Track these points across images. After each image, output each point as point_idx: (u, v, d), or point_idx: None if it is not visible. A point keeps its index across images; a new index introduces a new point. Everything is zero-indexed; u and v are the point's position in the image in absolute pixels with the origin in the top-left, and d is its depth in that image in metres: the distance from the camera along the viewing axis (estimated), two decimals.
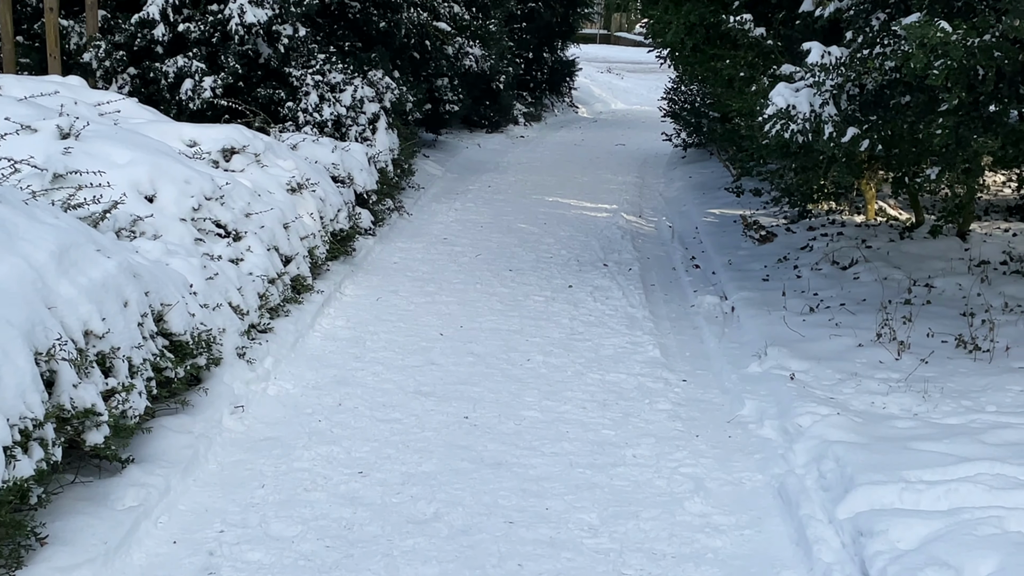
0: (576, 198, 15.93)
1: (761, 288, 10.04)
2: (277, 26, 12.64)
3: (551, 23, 26.94)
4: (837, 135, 7.92)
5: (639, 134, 25.29)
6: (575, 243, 12.56)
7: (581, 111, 30.71)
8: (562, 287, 10.36)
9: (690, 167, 18.84)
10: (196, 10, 12.52)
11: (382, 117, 13.64)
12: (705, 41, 9.70)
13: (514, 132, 24.13)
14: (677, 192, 16.73)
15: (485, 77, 21.85)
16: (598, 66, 41.41)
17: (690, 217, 14.43)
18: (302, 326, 8.44)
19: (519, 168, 18.95)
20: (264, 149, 10.07)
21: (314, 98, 12.86)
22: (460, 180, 17.15)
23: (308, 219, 9.70)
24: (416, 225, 13.15)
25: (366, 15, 14.51)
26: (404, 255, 11.48)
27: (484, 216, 14.10)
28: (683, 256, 12.11)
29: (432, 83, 18.60)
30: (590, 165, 19.77)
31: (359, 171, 11.85)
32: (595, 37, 57.94)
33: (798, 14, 8.86)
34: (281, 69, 12.97)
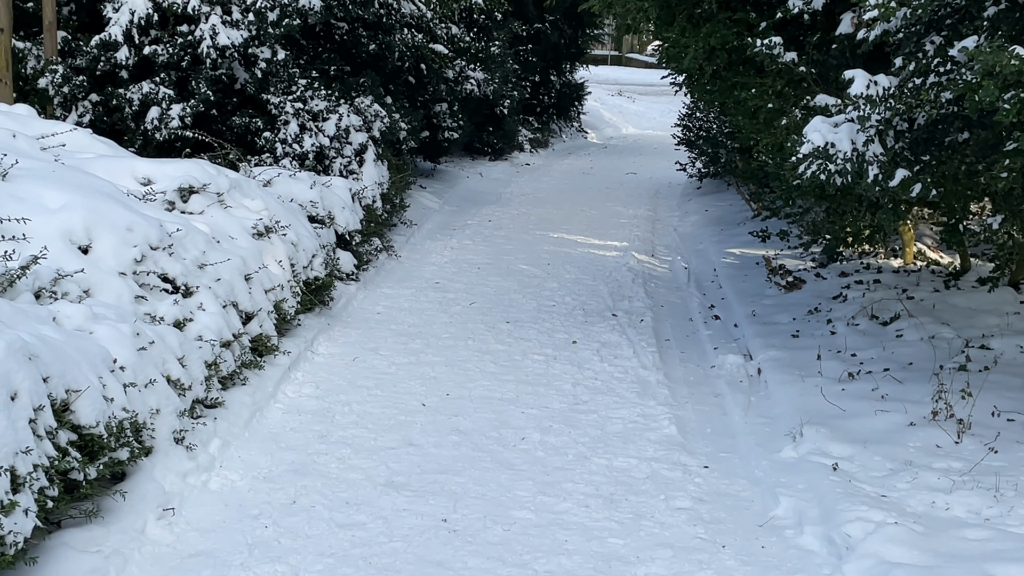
0: (583, 234, 14.87)
1: (791, 346, 8.96)
2: (254, 49, 11.66)
3: (559, 45, 25.96)
4: (883, 177, 6.86)
5: (651, 161, 24.25)
6: (581, 288, 11.49)
7: (590, 136, 29.71)
8: (565, 343, 9.29)
9: (706, 199, 17.78)
10: (164, 31, 11.54)
11: (370, 148, 12.63)
12: (727, 67, 8.65)
13: (519, 160, 23.12)
14: (692, 227, 15.67)
15: (488, 102, 20.85)
16: (609, 89, 40.47)
17: (707, 257, 13.36)
18: (261, 397, 7.37)
19: (523, 200, 17.91)
20: (229, 187, 9.05)
21: (294, 127, 11.85)
22: (458, 214, 16.11)
23: (276, 268, 8.65)
24: (406, 267, 12.10)
25: (355, 37, 13.53)
26: (389, 303, 10.42)
27: (482, 255, 13.04)
28: (701, 304, 11.02)
29: (430, 109, 17.60)
30: (599, 196, 18.73)
31: (341, 209, 10.81)
32: (606, 59, 57.08)
33: (835, 37, 7.82)
34: (258, 96, 11.97)
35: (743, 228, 14.45)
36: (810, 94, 7.80)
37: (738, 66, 8.95)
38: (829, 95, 7.67)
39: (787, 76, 7.91)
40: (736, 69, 8.97)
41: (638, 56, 60.98)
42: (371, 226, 11.99)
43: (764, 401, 7.84)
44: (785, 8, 7.84)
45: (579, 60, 28.25)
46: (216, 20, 11.35)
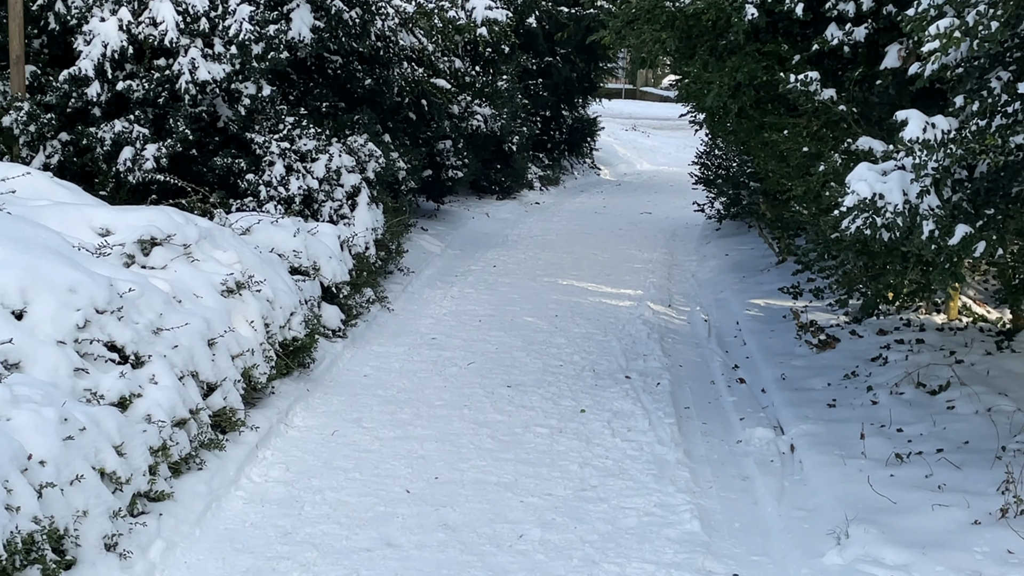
0: (595, 281, 13.97)
1: (827, 418, 8.01)
2: (237, 84, 10.82)
3: (570, 78, 25.16)
4: (941, 234, 5.95)
5: (667, 200, 23.37)
6: (591, 345, 10.57)
7: (603, 173, 28.86)
8: (572, 412, 8.36)
9: (726, 242, 16.86)
10: (140, 65, 10.73)
11: (364, 190, 11.77)
12: (754, 105, 7.78)
13: (528, 198, 22.27)
14: (712, 273, 14.74)
15: (496, 138, 20.01)
16: (623, 123, 39.72)
17: (729, 307, 12.42)
18: (219, 483, 6.46)
19: (531, 242, 17.02)
20: (198, 238, 8.18)
21: (280, 169, 10.99)
22: (461, 258, 15.23)
23: (246, 330, 7.76)
24: (400, 320, 11.19)
25: (349, 71, 12.71)
26: (379, 364, 9.51)
27: (484, 306, 12.14)
28: (723, 364, 10.08)
29: (433, 146, 16.77)
30: (612, 238, 17.83)
31: (327, 259, 9.93)
32: (620, 92, 56.40)
33: (879, 72, 6.93)
34: (242, 134, 11.13)
35: (767, 276, 13.53)
36: (851, 136, 6.91)
37: (766, 104, 8.08)
38: (873, 138, 6.77)
39: (824, 116, 7.01)
40: (764, 107, 8.10)
41: (653, 90, 60.35)
42: (363, 276, 11.11)
43: (800, 488, 6.88)
44: (822, 39, 6.96)
45: (592, 94, 27.44)
46: (196, 53, 10.53)
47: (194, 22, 10.67)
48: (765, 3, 6.91)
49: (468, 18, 13.97)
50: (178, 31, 10.57)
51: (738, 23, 6.80)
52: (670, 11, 7.04)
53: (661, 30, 7.17)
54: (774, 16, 7.19)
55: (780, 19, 7.21)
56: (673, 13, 7.02)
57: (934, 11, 5.50)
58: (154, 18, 10.60)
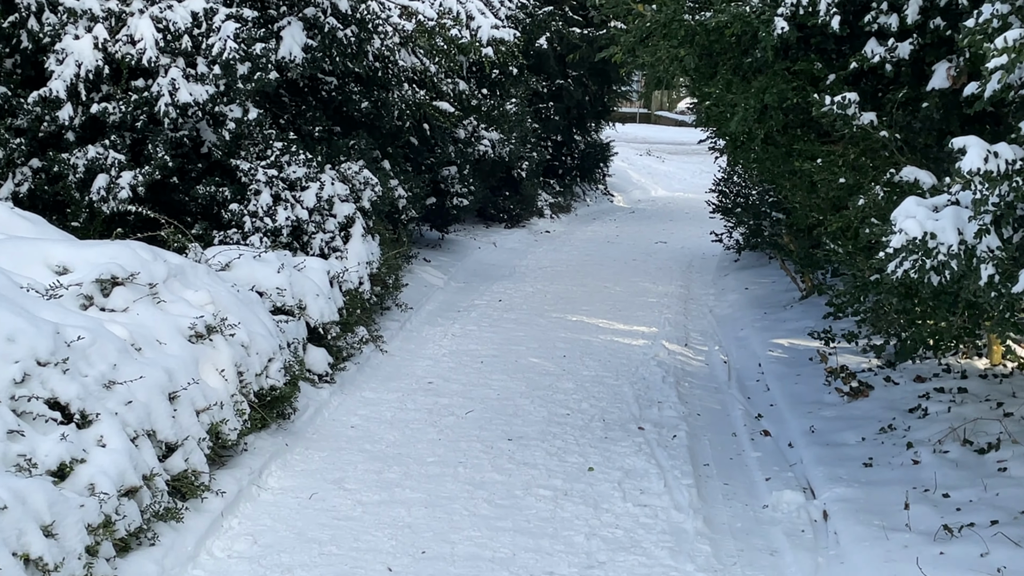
0: (606, 317, 13.21)
1: (864, 480, 7.22)
2: (221, 107, 10.14)
3: (582, 102, 24.48)
4: (1002, 279, 5.18)
5: (683, 229, 22.61)
6: (601, 389, 9.80)
7: (617, 199, 28.12)
8: (579, 471, 7.59)
9: (745, 275, 16.09)
10: (116, 87, 10.05)
11: (358, 220, 11.05)
12: (782, 130, 7.02)
13: (538, 227, 21.54)
14: (731, 309, 13.96)
15: (504, 164, 19.35)
16: (637, 148, 39.02)
17: (750, 347, 11.63)
18: (174, 562, 5.71)
19: (540, 274, 16.27)
20: (166, 276, 7.47)
21: (266, 198, 10.29)
22: (465, 292, 14.49)
23: (216, 380, 7.02)
24: (396, 362, 10.45)
25: (344, 93, 12.01)
26: (369, 413, 8.76)
27: (487, 345, 11.39)
28: (746, 413, 9.30)
29: (436, 173, 16.08)
30: (625, 269, 17.07)
31: (314, 297, 9.20)
32: (634, 116, 55.81)
33: (925, 93, 6.18)
34: (226, 161, 10.44)
35: (790, 312, 12.75)
36: (894, 166, 6.16)
37: (795, 129, 7.33)
38: (919, 167, 6.02)
39: (864, 143, 6.26)
40: (793, 133, 7.35)
41: (667, 114, 59.76)
42: (356, 313, 10.39)
43: (837, 566, 6.09)
44: (861, 56, 6.22)
45: (605, 118, 26.75)
46: (177, 73, 9.86)
47: (175, 40, 10.01)
48: (796, 16, 6.18)
49: (473, 37, 13.28)
50: (158, 50, 9.90)
51: (766, 38, 6.07)
52: (689, 25, 6.32)
53: (679, 46, 6.45)
54: (806, 31, 6.46)
55: (813, 34, 6.49)
56: (692, 28, 6.30)
57: (997, 21, 4.75)
58: (132, 36, 9.95)
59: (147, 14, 10.00)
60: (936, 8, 6.09)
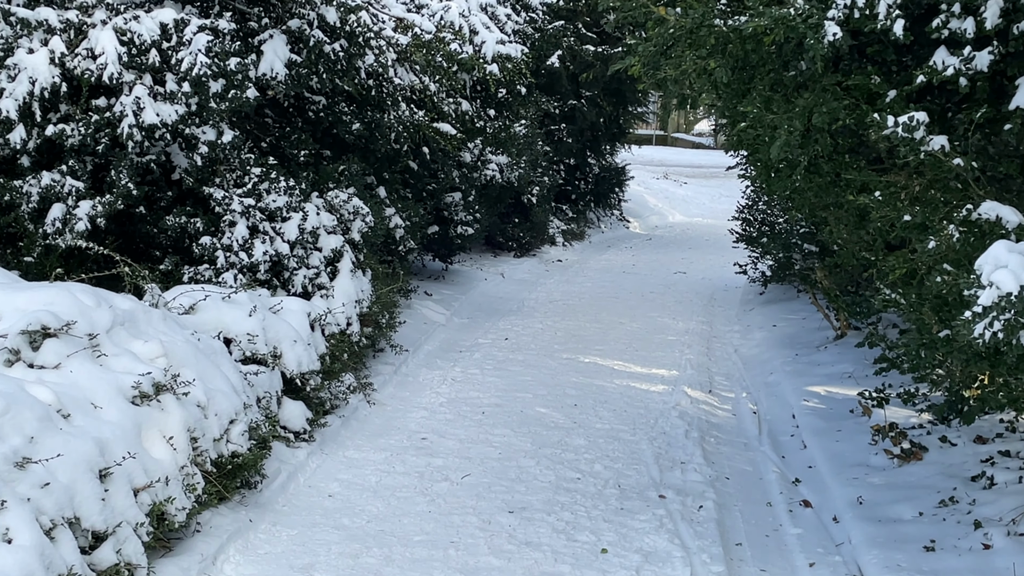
0: (622, 358, 12.19)
1: (927, 569, 6.19)
2: (192, 128, 9.20)
3: (597, 124, 23.51)
4: None
5: (703, 257, 21.60)
6: (617, 448, 8.78)
7: (633, 225, 27.11)
8: (591, 552, 6.56)
9: (772, 310, 15.05)
10: (75, 106, 9.12)
11: (347, 254, 10.08)
12: (830, 156, 6.02)
13: (549, 255, 20.55)
14: (758, 349, 12.92)
15: (512, 189, 18.40)
16: (653, 171, 38.09)
17: (782, 395, 10.60)
18: None
19: (550, 308, 15.27)
20: (111, 325, 6.51)
21: (242, 230, 9.33)
22: (469, 329, 13.50)
23: (162, 449, 6.04)
24: (387, 413, 9.45)
25: (334, 113, 11.05)
26: (351, 477, 7.75)
27: (490, 392, 10.38)
28: (781, 476, 8.26)
29: (439, 199, 15.12)
30: (642, 303, 16.05)
31: (291, 343, 8.22)
32: (651, 138, 54.91)
33: (1008, 113, 5.17)
34: (199, 189, 9.49)
35: (825, 355, 11.71)
36: (970, 200, 5.15)
37: (843, 154, 6.32)
38: (1001, 202, 5.02)
39: (933, 172, 5.25)
40: (840, 159, 6.34)
41: (685, 136, 58.88)
42: (343, 358, 9.40)
43: None
44: (930, 69, 5.21)
45: (620, 140, 25.80)
46: (142, 91, 8.91)
47: (141, 54, 9.08)
48: (850, 20, 5.18)
49: (476, 53, 12.33)
50: (121, 65, 8.96)
51: (814, 46, 5.08)
52: (721, 32, 5.34)
53: (708, 57, 5.47)
54: (861, 39, 5.47)
55: (869, 42, 5.49)
56: (725, 35, 5.32)
57: None
58: (92, 50, 9.02)
59: (110, 26, 9.07)
60: (1021, 11, 5.10)
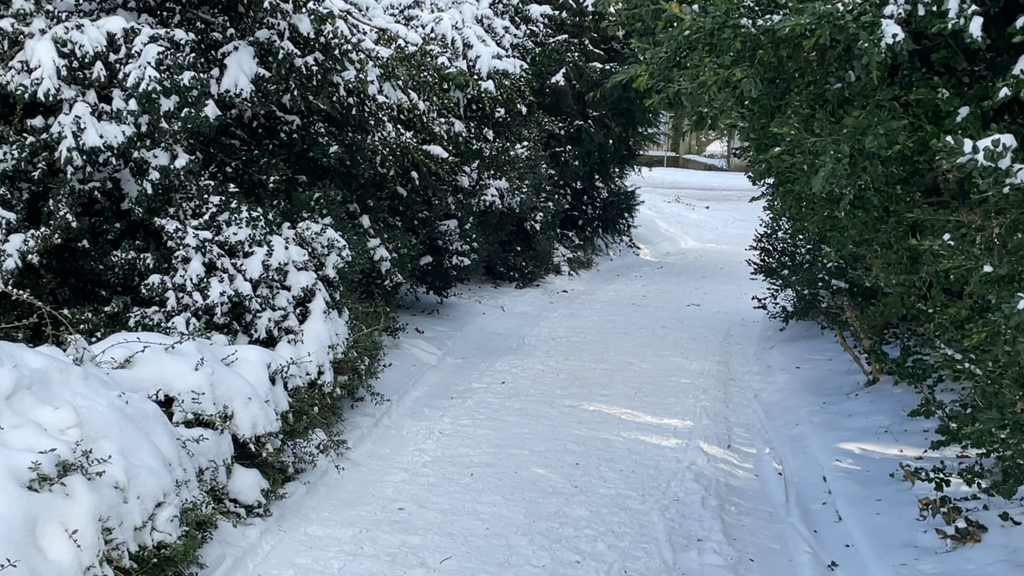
0: (630, 405, 11.11)
1: None
2: (143, 152, 8.18)
3: (605, 145, 22.48)
4: None
5: (717, 287, 20.50)
6: (623, 520, 7.68)
7: (643, 252, 26.01)
8: None
9: (794, 348, 13.96)
10: (8, 126, 8.11)
11: (319, 293, 9.03)
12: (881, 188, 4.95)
13: (554, 285, 19.49)
14: (781, 395, 11.81)
15: (514, 216, 17.36)
16: (664, 194, 37.02)
17: (810, 452, 9.50)
18: None
19: (553, 346, 14.19)
20: (13, 389, 5.46)
21: (197, 267, 8.29)
22: (463, 371, 12.43)
23: (62, 547, 4.98)
24: (361, 477, 8.37)
25: (309, 135, 10.01)
26: (310, 562, 6.66)
27: (482, 448, 9.31)
28: (814, 559, 7.15)
29: (433, 228, 14.08)
30: (652, 340, 14.96)
31: (245, 401, 7.16)
32: (661, 160, 53.90)
33: None
34: (150, 220, 8.47)
35: (856, 403, 10.62)
36: None
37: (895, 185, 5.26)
38: None
39: (1018, 209, 4.18)
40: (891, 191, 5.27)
41: (696, 157, 57.86)
42: (313, 412, 8.34)
43: None
44: (1015, 80, 4.14)
45: (630, 163, 24.74)
46: (83, 110, 7.91)
47: (84, 68, 8.08)
48: (913, 19, 4.13)
49: (471, 69, 11.31)
50: (60, 80, 7.97)
51: (869, 51, 4.02)
52: (748, 34, 4.29)
53: (732, 66, 4.42)
54: (924, 42, 4.41)
55: (935, 46, 4.43)
56: (754, 37, 4.26)
57: None
58: (27, 62, 8.02)
59: (48, 35, 8.08)
60: None
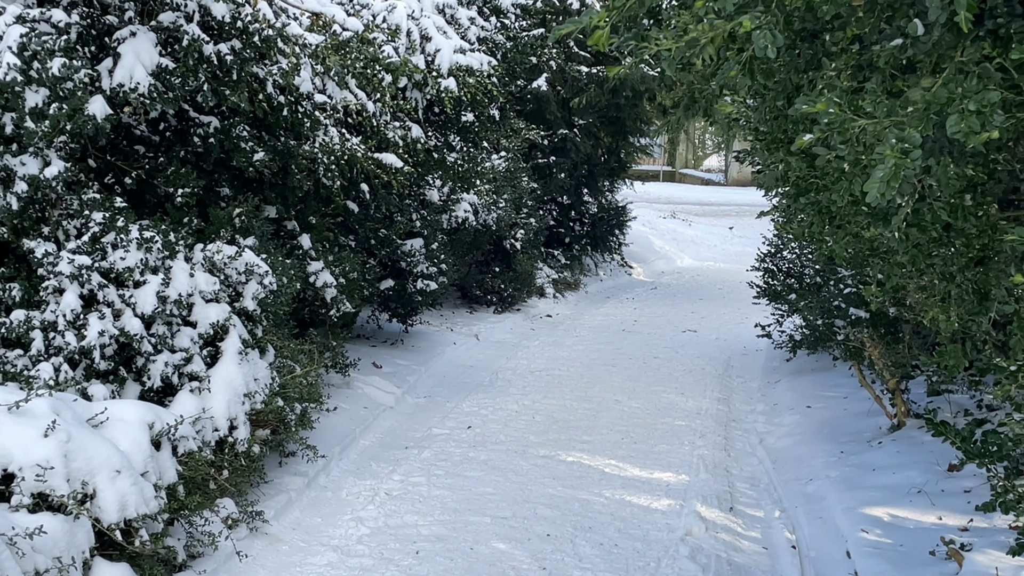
0: (615, 455, 9.62)
1: None
2: (6, 158, 6.70)
3: (593, 156, 21.02)
4: None
5: (715, 310, 19.02)
6: None
7: (636, 272, 24.50)
8: None
9: (803, 382, 12.47)
10: None
11: (234, 329, 7.53)
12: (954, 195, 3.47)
13: (537, 309, 17.97)
14: (790, 440, 10.30)
15: (491, 233, 15.90)
16: (660, 209, 35.61)
17: (828, 516, 7.99)
18: None
19: (530, 381, 12.68)
20: None
21: (72, 300, 6.78)
22: (423, 413, 10.91)
23: None
24: (277, 561, 6.84)
25: (230, 139, 8.50)
26: None
27: (434, 515, 7.80)
28: None
29: (394, 248, 12.58)
30: (644, 373, 13.46)
31: (112, 475, 5.65)
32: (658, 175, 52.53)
33: None
34: (16, 242, 6.97)
35: (881, 453, 9.13)
36: None
37: (963, 192, 3.78)
38: None
39: None
40: (958, 202, 3.79)
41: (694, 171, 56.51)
42: (222, 477, 6.84)
43: None
44: None
45: (620, 175, 23.24)
46: None
47: None
48: None
49: (429, 65, 9.84)
50: None
51: None
52: None
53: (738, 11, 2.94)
54: None
55: None
56: None
57: None
58: None
59: None
60: None
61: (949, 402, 10.03)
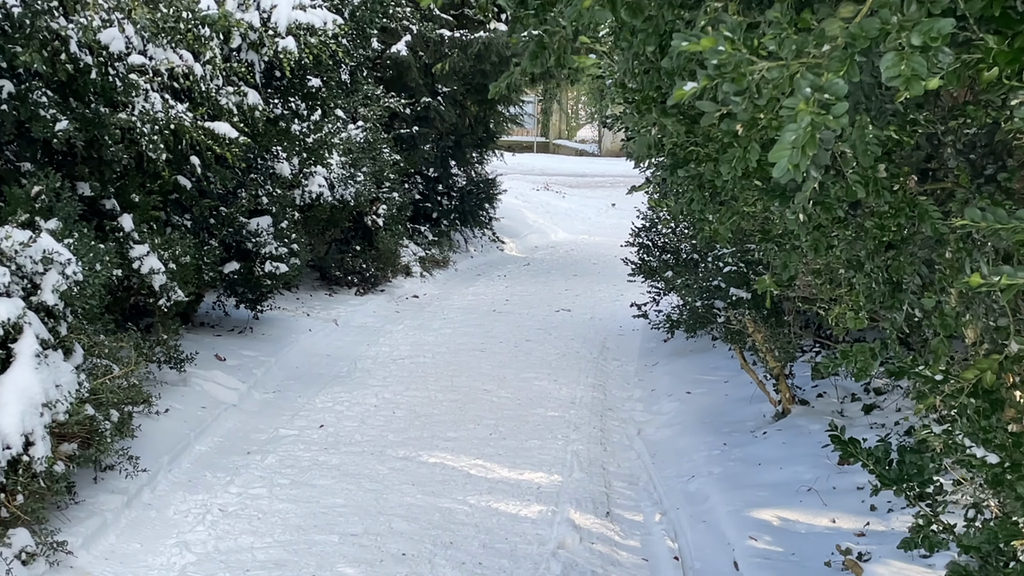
0: (482, 453, 8.88)
1: None
2: None
3: (459, 126, 20.20)
4: None
5: (590, 287, 18.43)
6: None
7: (508, 247, 23.78)
8: None
9: (682, 364, 11.91)
10: None
11: (29, 328, 6.53)
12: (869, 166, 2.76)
13: (403, 289, 17.10)
14: (670, 430, 9.70)
15: (349, 209, 14.98)
16: (533, 181, 35.01)
17: (711, 517, 7.38)
18: None
19: (393, 370, 11.85)
20: None
21: None
22: (270, 411, 10.01)
23: None
24: None
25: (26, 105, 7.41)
26: None
27: (274, 534, 6.94)
28: None
29: (239, 228, 11.59)
30: (515, 358, 12.74)
31: None
32: (531, 145, 51.99)
33: None
34: None
35: (767, 445, 8.57)
36: None
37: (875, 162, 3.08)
38: None
39: None
40: (870, 174, 3.09)
41: (568, 142, 56.10)
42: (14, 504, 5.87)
43: None
44: None
45: (490, 146, 22.47)
46: None
47: None
48: None
49: (265, 24, 8.89)
50: None
51: None
52: None
53: None
54: None
55: None
56: None
57: None
58: None
59: None
60: None
61: (835, 386, 9.56)
